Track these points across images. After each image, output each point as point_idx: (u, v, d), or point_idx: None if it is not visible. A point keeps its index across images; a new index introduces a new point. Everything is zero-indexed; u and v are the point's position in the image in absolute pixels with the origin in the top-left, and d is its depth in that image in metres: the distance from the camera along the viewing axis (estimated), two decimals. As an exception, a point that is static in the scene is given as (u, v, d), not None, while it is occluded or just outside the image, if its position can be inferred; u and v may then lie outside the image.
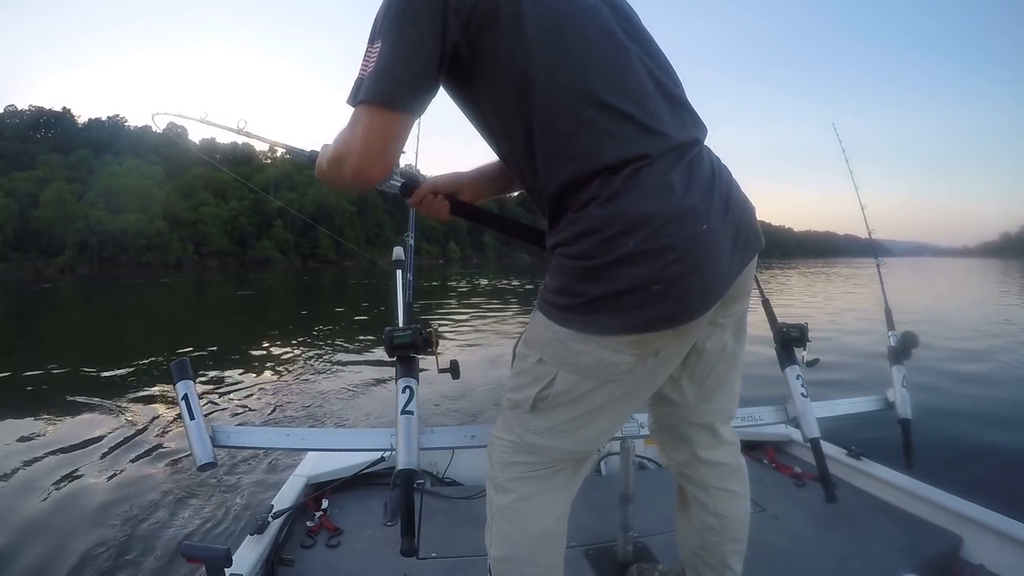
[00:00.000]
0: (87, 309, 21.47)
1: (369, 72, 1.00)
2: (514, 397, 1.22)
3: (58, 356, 9.19)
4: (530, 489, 1.23)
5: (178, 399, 1.50)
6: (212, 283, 38.19)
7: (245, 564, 1.75)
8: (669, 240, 0.98)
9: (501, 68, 1.05)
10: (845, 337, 9.37)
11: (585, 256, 1.01)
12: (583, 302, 1.03)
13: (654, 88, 1.09)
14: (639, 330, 1.04)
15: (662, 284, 0.98)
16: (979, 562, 1.92)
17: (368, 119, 1.02)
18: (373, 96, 1.00)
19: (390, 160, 1.07)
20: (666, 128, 1.06)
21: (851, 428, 2.32)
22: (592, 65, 1.05)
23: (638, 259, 0.97)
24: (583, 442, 1.21)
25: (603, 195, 1.00)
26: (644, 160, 1.01)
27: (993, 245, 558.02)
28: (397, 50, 1.00)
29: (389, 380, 1.80)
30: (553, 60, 1.03)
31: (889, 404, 2.19)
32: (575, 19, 1.06)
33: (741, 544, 1.47)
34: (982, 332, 10.57)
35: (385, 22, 1.02)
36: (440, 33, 1.01)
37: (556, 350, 1.10)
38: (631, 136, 1.03)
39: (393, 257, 2.01)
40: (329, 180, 1.19)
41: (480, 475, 2.51)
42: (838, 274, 39.73)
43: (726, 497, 1.43)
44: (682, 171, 1.03)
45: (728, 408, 1.41)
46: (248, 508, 3.28)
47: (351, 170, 1.06)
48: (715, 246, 1.02)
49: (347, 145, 1.05)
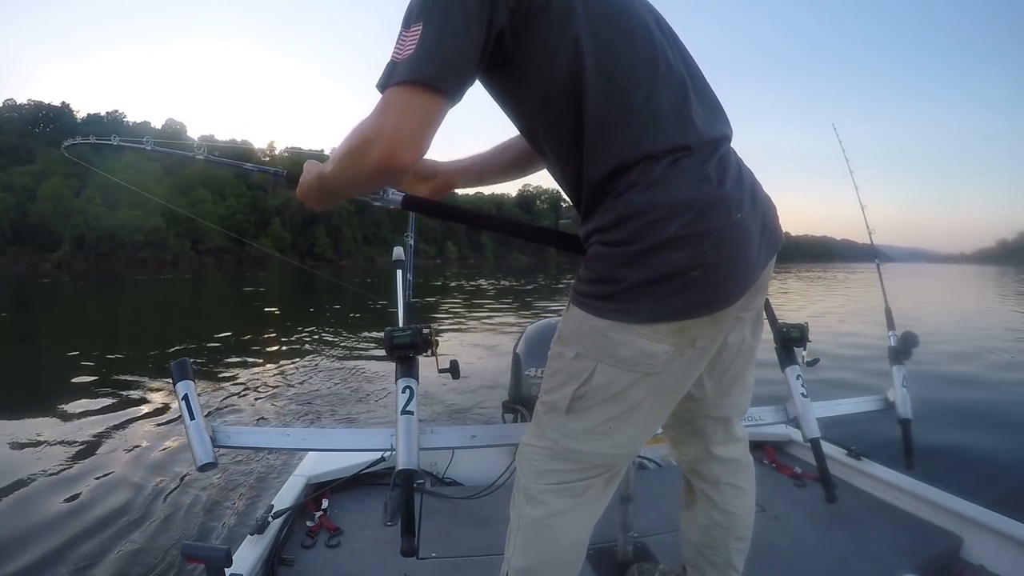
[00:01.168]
0: (85, 305, 21.47)
1: (408, 54, 0.94)
2: (549, 399, 1.19)
3: (56, 354, 9.19)
4: (563, 504, 1.21)
5: (178, 399, 1.50)
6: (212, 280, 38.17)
7: (245, 564, 1.75)
8: (708, 226, 0.99)
9: (548, 56, 1.03)
10: (845, 337, 9.38)
11: (626, 242, 1.01)
12: (623, 289, 1.02)
13: (688, 83, 1.10)
14: (679, 316, 1.03)
15: (701, 270, 0.99)
16: (979, 562, 1.92)
17: (406, 99, 0.94)
18: (413, 75, 0.93)
19: (423, 146, 0.97)
20: (701, 123, 1.07)
21: (851, 428, 2.33)
22: (637, 58, 1.05)
23: (678, 244, 0.98)
24: (620, 445, 1.18)
25: (643, 182, 1.01)
26: (685, 151, 1.02)
27: (990, 252, 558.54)
28: (443, 32, 0.94)
29: (389, 380, 1.80)
30: (602, 50, 1.02)
31: (889, 404, 2.19)
32: (619, 12, 1.07)
33: (745, 543, 1.48)
34: (982, 334, 10.60)
35: (428, 5, 0.96)
36: (487, 20, 0.98)
37: (595, 342, 1.08)
38: (673, 127, 1.04)
39: (393, 257, 2.01)
40: (332, 183, 1.10)
41: (480, 475, 2.53)
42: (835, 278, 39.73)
43: (736, 494, 1.45)
44: (716, 163, 1.05)
45: (744, 402, 1.42)
46: (248, 508, 3.27)
47: (379, 154, 0.94)
48: (747, 235, 1.04)
49: (374, 129, 0.94)
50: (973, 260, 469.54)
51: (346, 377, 7.14)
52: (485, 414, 5.08)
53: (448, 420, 5.01)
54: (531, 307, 17.65)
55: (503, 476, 2.45)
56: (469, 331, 11.33)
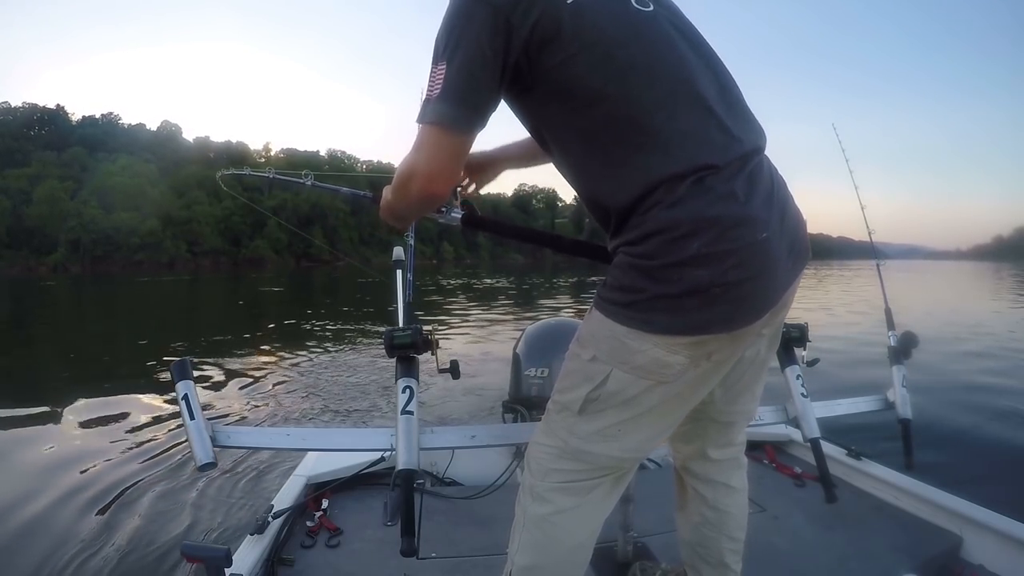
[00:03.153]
0: (83, 308, 21.41)
1: (435, 95, 1.03)
2: (562, 399, 1.21)
3: (55, 355, 9.18)
4: (569, 502, 1.22)
5: (178, 399, 1.50)
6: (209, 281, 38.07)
7: (245, 564, 1.74)
8: (731, 245, 1.00)
9: (564, 82, 1.06)
10: (845, 337, 9.38)
11: (649, 256, 1.03)
12: (643, 299, 1.04)
13: (717, 97, 1.10)
14: (697, 331, 1.05)
15: (722, 287, 1.01)
16: (979, 562, 1.92)
17: (434, 139, 1.06)
18: (438, 118, 1.04)
19: (455, 176, 1.13)
20: (729, 137, 1.07)
21: (851, 428, 2.33)
22: (657, 76, 1.06)
23: (701, 261, 0.99)
24: (629, 449, 1.19)
25: (667, 200, 1.02)
26: (710, 169, 1.02)
27: (986, 248, 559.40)
28: (461, 72, 1.03)
29: (389, 380, 1.79)
30: (619, 73, 1.04)
31: (889, 404, 2.19)
32: (637, 31, 1.08)
33: (738, 543, 1.49)
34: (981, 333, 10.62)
35: (449, 45, 1.04)
36: (502, 53, 1.03)
37: (612, 347, 1.10)
38: (698, 145, 1.04)
39: (393, 257, 2.01)
40: (396, 209, 1.25)
41: (480, 475, 2.53)
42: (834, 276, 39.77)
43: (728, 492, 1.47)
44: (744, 180, 1.05)
45: (751, 411, 1.44)
46: (248, 508, 3.26)
47: (418, 188, 1.09)
48: (773, 255, 1.05)
49: (412, 166, 1.09)
50: (969, 256, 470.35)
51: (346, 377, 7.11)
52: (485, 414, 5.07)
53: (448, 420, 5.00)
54: (530, 306, 17.64)
55: (503, 476, 2.44)
56: (469, 331, 11.29)
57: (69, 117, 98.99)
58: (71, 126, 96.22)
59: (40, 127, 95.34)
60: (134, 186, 71.50)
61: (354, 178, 1.78)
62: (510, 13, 1.01)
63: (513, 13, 1.01)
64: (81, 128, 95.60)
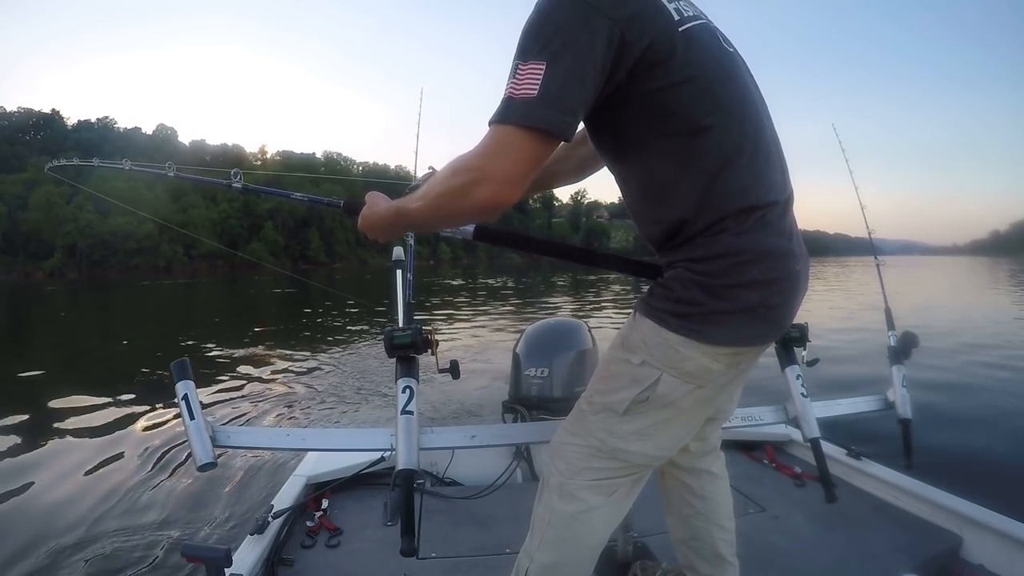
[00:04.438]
0: (81, 311, 21.39)
1: (528, 95, 0.95)
2: (604, 400, 1.24)
3: (54, 355, 9.15)
4: (598, 500, 1.26)
5: (178, 399, 1.49)
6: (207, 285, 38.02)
7: (245, 564, 1.74)
8: (779, 274, 1.14)
9: (664, 107, 1.07)
10: (845, 337, 9.38)
11: (713, 275, 1.11)
12: (700, 312, 1.12)
13: (773, 144, 1.20)
14: (739, 344, 1.17)
15: (765, 308, 1.14)
16: (979, 562, 1.93)
17: (522, 143, 0.96)
18: (538, 122, 0.95)
19: (527, 186, 1.03)
20: (783, 180, 1.20)
21: (851, 428, 2.33)
22: (743, 116, 1.14)
23: (755, 286, 1.11)
24: (661, 447, 1.26)
25: (735, 228, 1.10)
26: (772, 206, 1.14)
27: (982, 243, 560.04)
28: (569, 77, 0.96)
29: (389, 380, 1.79)
30: (716, 108, 1.09)
31: (889, 404, 2.20)
32: (728, 72, 1.15)
33: (729, 533, 1.54)
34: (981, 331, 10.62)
35: (554, 44, 0.96)
36: (610, 66, 1.01)
37: (664, 353, 1.16)
38: (766, 184, 1.15)
39: (393, 257, 2.01)
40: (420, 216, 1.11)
41: (480, 475, 2.52)
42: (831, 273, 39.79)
43: (710, 479, 1.55)
44: (789, 219, 1.19)
45: (731, 409, 1.56)
46: (248, 508, 3.26)
47: (487, 194, 0.97)
48: (800, 284, 1.19)
49: (482, 169, 0.97)
50: (966, 252, 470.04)
51: (346, 377, 7.12)
52: (485, 414, 5.06)
53: (448, 420, 5.00)
54: (529, 306, 17.63)
55: (503, 476, 2.44)
56: (469, 331, 11.30)
57: (65, 121, 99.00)
58: (67, 130, 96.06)
59: (36, 132, 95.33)
60: (130, 190, 71.31)
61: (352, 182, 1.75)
62: (626, 29, 0.99)
63: (629, 30, 1.00)
64: (77, 132, 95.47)
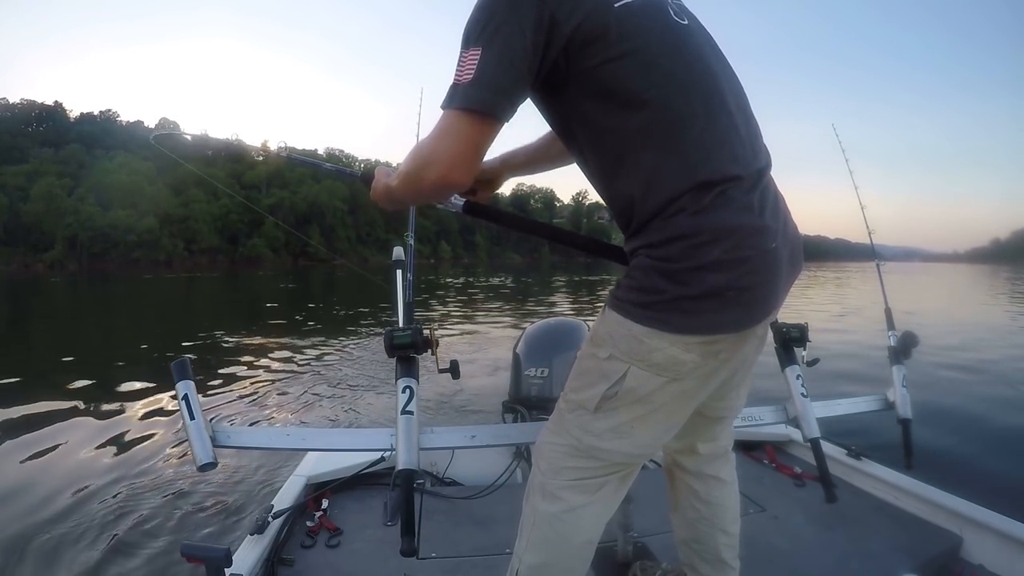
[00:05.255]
0: (81, 306, 21.37)
1: (468, 79, 1.01)
2: (576, 397, 1.23)
3: (53, 355, 9.13)
4: (580, 499, 1.25)
5: (178, 399, 1.49)
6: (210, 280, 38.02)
7: (245, 564, 1.74)
8: (747, 252, 1.06)
9: (603, 84, 1.07)
10: (845, 337, 9.38)
11: (671, 259, 1.06)
12: (663, 300, 1.08)
13: (739, 112, 1.15)
14: (711, 331, 1.10)
15: (736, 292, 1.07)
16: (979, 562, 1.93)
17: (463, 125, 1.02)
18: (473, 103, 1.01)
19: (476, 167, 1.08)
20: (749, 152, 1.13)
21: (851, 428, 2.33)
22: (693, 88, 1.09)
23: (720, 267, 1.05)
24: (640, 445, 1.23)
25: (692, 208, 1.05)
26: (734, 181, 1.08)
27: (983, 251, 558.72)
28: (500, 59, 1.01)
29: (389, 380, 1.79)
30: (659, 81, 1.06)
31: (889, 404, 2.20)
32: (677, 43, 1.11)
33: (733, 538, 1.52)
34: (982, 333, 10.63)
35: (488, 30, 1.02)
36: (543, 47, 1.03)
37: (630, 345, 1.13)
38: (725, 158, 1.08)
39: (393, 257, 2.01)
40: (398, 194, 1.19)
41: (480, 475, 2.52)
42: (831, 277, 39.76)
43: (718, 485, 1.51)
44: (759, 193, 1.11)
45: (739, 406, 1.48)
46: (248, 508, 3.26)
47: (437, 175, 1.05)
48: (779, 263, 1.12)
49: (432, 152, 1.05)
50: (966, 259, 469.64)
51: (346, 377, 7.10)
52: (485, 414, 5.06)
53: (448, 420, 4.99)
54: (529, 306, 17.63)
55: (503, 476, 2.44)
56: (469, 331, 11.29)
57: (67, 114, 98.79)
58: (69, 123, 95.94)
59: (38, 124, 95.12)
60: (132, 183, 71.31)
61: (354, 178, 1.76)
62: (555, 9, 1.01)
63: (559, 9, 1.02)
64: (79, 125, 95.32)
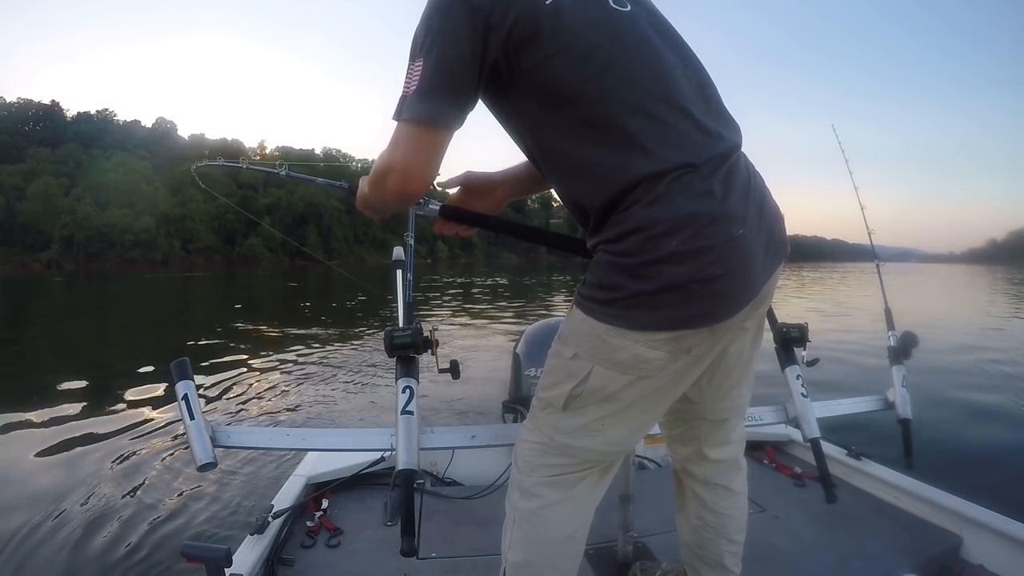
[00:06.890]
0: (78, 305, 21.30)
1: (412, 91, 1.04)
2: (546, 396, 1.22)
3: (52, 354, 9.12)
4: (556, 495, 1.23)
5: (178, 399, 1.48)
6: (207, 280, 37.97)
7: (245, 564, 1.74)
8: (709, 241, 1.01)
9: (543, 83, 1.07)
10: (845, 337, 9.39)
11: (627, 253, 1.04)
12: (623, 297, 1.05)
13: (694, 95, 1.12)
14: (676, 327, 1.06)
15: (700, 283, 1.02)
16: (979, 562, 1.93)
17: (411, 136, 1.06)
18: (415, 115, 1.04)
19: (432, 174, 1.10)
20: (707, 136, 1.08)
21: (851, 428, 2.33)
22: (635, 76, 1.07)
23: (679, 258, 1.01)
24: (612, 442, 1.21)
25: (646, 198, 1.03)
26: (688, 168, 1.03)
27: (979, 251, 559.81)
28: (438, 69, 1.03)
29: (389, 380, 1.79)
30: (596, 73, 1.05)
31: (889, 404, 2.19)
32: (614, 31, 1.08)
33: (737, 546, 1.50)
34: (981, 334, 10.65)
35: (426, 41, 1.04)
36: (480, 52, 1.04)
37: (593, 345, 1.11)
38: (676, 144, 1.05)
39: (393, 257, 2.01)
40: (371, 203, 1.24)
41: (480, 475, 2.52)
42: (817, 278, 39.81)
43: (727, 495, 1.47)
44: (721, 178, 1.06)
45: (742, 406, 1.44)
46: (248, 508, 3.25)
47: (394, 185, 1.09)
48: (750, 251, 1.06)
49: (389, 163, 1.08)
50: (962, 260, 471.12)
51: (346, 377, 7.10)
52: (485, 414, 5.04)
53: (448, 420, 4.99)
54: (528, 305, 17.63)
55: (503, 476, 2.44)
56: (469, 331, 11.30)
57: (64, 113, 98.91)
58: (66, 122, 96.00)
59: (35, 123, 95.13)
60: (129, 183, 71.25)
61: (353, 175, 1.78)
62: (488, 13, 1.02)
63: (492, 13, 1.02)
64: (76, 124, 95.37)
